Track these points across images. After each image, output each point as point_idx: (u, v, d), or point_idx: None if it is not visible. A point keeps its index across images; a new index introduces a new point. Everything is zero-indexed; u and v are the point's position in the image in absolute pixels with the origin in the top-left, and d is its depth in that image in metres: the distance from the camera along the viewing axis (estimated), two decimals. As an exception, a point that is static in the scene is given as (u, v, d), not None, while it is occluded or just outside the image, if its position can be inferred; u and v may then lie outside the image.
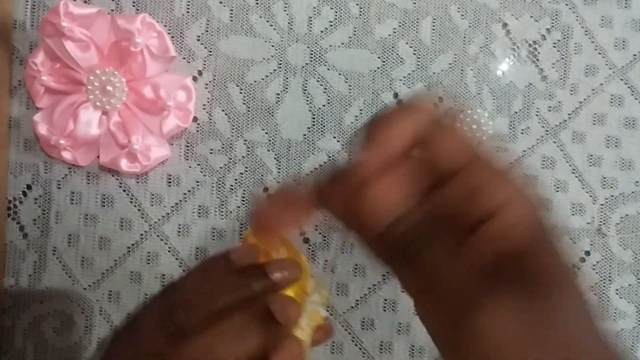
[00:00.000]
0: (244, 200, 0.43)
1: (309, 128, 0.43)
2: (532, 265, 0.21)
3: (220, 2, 0.43)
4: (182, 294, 0.28)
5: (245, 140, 0.43)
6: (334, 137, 0.43)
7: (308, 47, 0.43)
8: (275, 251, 0.31)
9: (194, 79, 0.43)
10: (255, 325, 0.26)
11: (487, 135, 0.43)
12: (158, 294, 0.30)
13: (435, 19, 0.44)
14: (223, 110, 0.43)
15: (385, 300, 0.43)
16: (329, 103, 0.43)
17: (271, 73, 0.43)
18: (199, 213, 0.43)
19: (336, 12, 0.43)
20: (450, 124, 0.23)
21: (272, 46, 0.43)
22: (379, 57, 0.44)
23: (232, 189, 0.43)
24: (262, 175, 0.43)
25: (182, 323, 0.26)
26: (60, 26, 0.38)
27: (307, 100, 0.43)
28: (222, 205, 0.43)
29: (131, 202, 0.42)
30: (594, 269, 0.45)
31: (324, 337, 0.31)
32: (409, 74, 0.44)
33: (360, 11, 0.43)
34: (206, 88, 0.43)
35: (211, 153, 0.43)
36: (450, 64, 0.44)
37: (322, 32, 0.43)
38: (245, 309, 0.27)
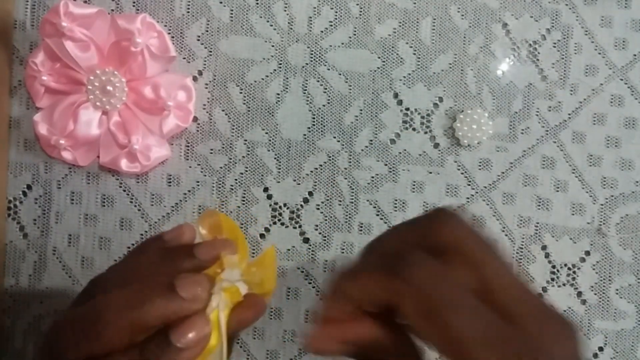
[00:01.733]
0: (244, 200, 0.43)
1: (309, 128, 0.43)
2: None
3: (220, 2, 0.43)
4: (113, 271, 0.28)
5: (245, 140, 0.43)
6: (334, 137, 0.43)
7: (308, 47, 0.43)
8: (219, 233, 0.31)
9: (194, 79, 0.43)
10: (158, 295, 0.25)
11: (487, 135, 0.43)
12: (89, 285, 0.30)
13: (435, 19, 0.44)
14: (223, 110, 0.43)
15: (385, 300, 0.43)
16: (329, 103, 0.43)
17: (271, 73, 0.43)
18: (199, 213, 0.43)
19: (336, 12, 0.43)
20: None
21: (272, 46, 0.43)
22: (379, 57, 0.44)
23: (232, 189, 0.43)
24: (262, 175, 0.43)
25: (99, 291, 0.26)
26: (60, 26, 0.38)
27: (307, 100, 0.43)
28: (222, 205, 0.43)
29: (131, 202, 0.42)
30: (594, 269, 0.45)
31: (251, 314, 0.28)
32: (409, 74, 0.44)
33: (360, 11, 0.43)
34: (206, 88, 0.43)
35: (211, 153, 0.43)
36: (450, 64, 0.44)
37: (322, 32, 0.43)
38: (150, 278, 0.26)
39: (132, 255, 0.30)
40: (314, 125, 0.43)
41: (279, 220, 0.43)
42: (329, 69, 0.43)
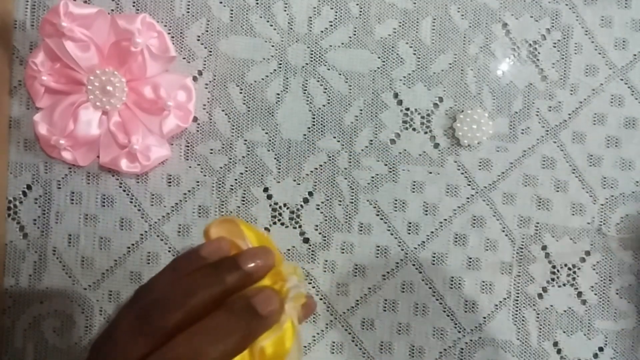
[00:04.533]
0: (244, 200, 0.43)
1: (309, 128, 0.43)
2: None
3: (220, 2, 0.43)
4: (155, 296, 0.27)
5: (245, 140, 0.43)
6: (334, 137, 0.43)
7: (308, 47, 0.43)
8: (241, 240, 0.31)
9: (194, 79, 0.43)
10: (239, 320, 0.26)
11: (487, 135, 0.43)
12: (130, 299, 0.29)
13: (435, 19, 0.44)
14: (223, 110, 0.43)
15: (385, 300, 0.43)
16: (329, 103, 0.43)
17: (271, 73, 0.43)
18: (199, 213, 0.43)
19: (336, 12, 0.43)
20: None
21: (272, 46, 0.43)
22: (379, 57, 0.44)
23: (232, 189, 0.43)
24: (262, 175, 0.43)
25: (160, 324, 0.26)
26: (60, 26, 0.38)
27: (307, 100, 0.43)
28: (222, 205, 0.43)
29: (131, 202, 0.42)
30: (594, 269, 0.45)
31: (308, 313, 0.31)
32: (409, 74, 0.44)
33: (360, 11, 0.43)
34: (206, 88, 0.43)
35: (211, 153, 0.43)
36: (450, 64, 0.44)
37: (322, 32, 0.43)
38: (226, 305, 0.26)
39: (171, 271, 0.29)
40: (314, 125, 0.43)
41: (279, 220, 0.43)
42: (329, 69, 0.43)
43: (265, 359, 0.27)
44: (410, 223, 0.44)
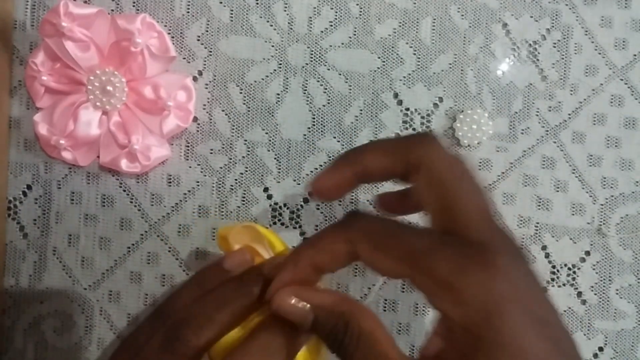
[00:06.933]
0: (244, 200, 0.43)
1: (309, 128, 0.43)
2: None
3: (221, 2, 0.43)
4: (184, 314, 0.27)
5: (245, 140, 0.43)
6: (334, 137, 0.43)
7: (308, 47, 0.43)
8: (259, 244, 0.30)
9: (194, 79, 0.43)
10: (281, 338, 0.25)
11: (487, 135, 0.43)
12: (152, 316, 0.29)
13: (435, 19, 0.44)
14: (223, 110, 0.43)
15: (385, 300, 0.43)
16: (329, 103, 0.43)
17: (271, 73, 0.43)
18: (199, 213, 0.43)
19: (336, 12, 0.43)
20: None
21: (272, 46, 0.43)
22: (379, 57, 0.44)
23: (232, 189, 0.43)
24: (262, 175, 0.43)
25: (192, 343, 0.25)
26: (60, 26, 0.38)
27: (307, 100, 0.43)
28: (222, 205, 0.43)
29: (131, 202, 0.42)
30: (594, 269, 0.45)
31: None
32: (409, 74, 0.44)
33: (360, 11, 0.43)
34: (206, 88, 0.43)
35: (211, 153, 0.43)
36: (450, 64, 0.44)
37: (322, 32, 0.43)
38: (266, 325, 0.26)
39: (195, 285, 0.29)
40: (314, 125, 0.43)
41: (279, 220, 0.43)
42: (329, 69, 0.43)
43: None
44: (410, 223, 0.44)
